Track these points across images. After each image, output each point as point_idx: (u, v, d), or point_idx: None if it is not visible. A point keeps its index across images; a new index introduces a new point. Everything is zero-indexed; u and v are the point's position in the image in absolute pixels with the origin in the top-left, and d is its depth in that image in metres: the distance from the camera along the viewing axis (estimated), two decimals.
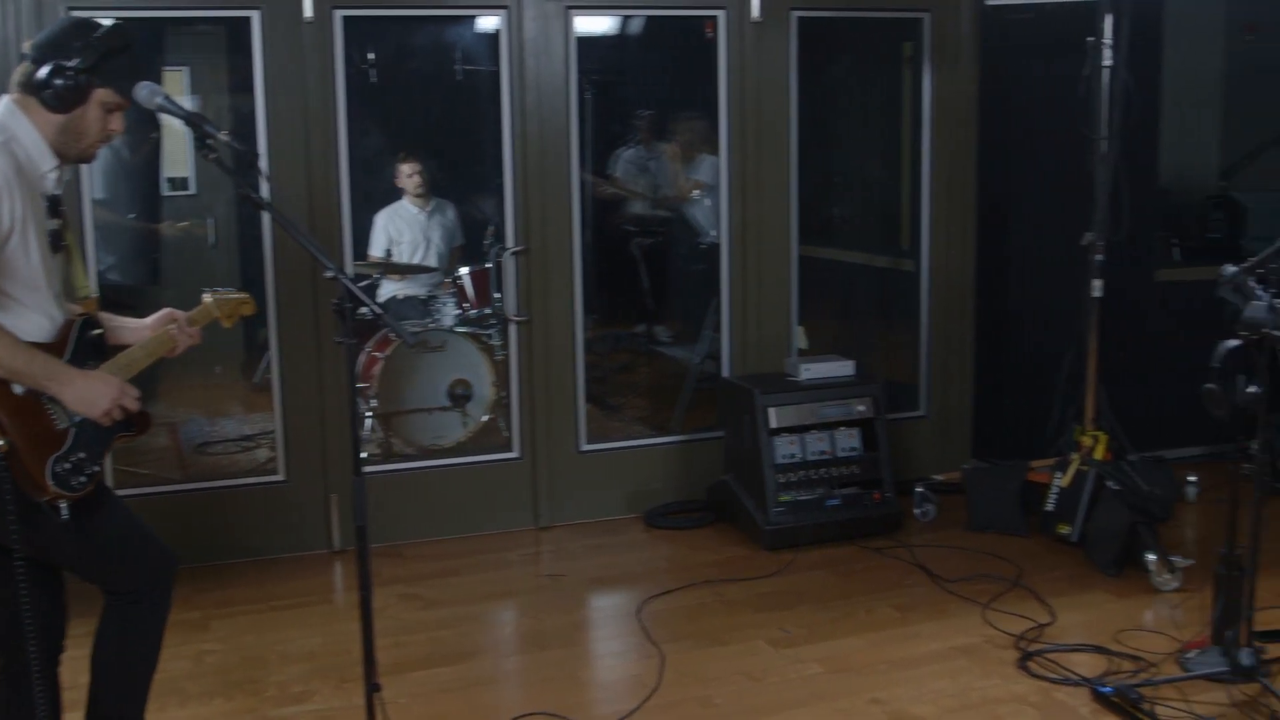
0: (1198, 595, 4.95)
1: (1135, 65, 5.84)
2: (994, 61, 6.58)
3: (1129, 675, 4.44)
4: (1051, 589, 5.28)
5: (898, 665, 4.59)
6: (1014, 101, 6.67)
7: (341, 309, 3.12)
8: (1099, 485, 5.67)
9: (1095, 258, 5.77)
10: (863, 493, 5.92)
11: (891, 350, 7.26)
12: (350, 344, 3.16)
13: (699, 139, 7.37)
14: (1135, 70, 5.83)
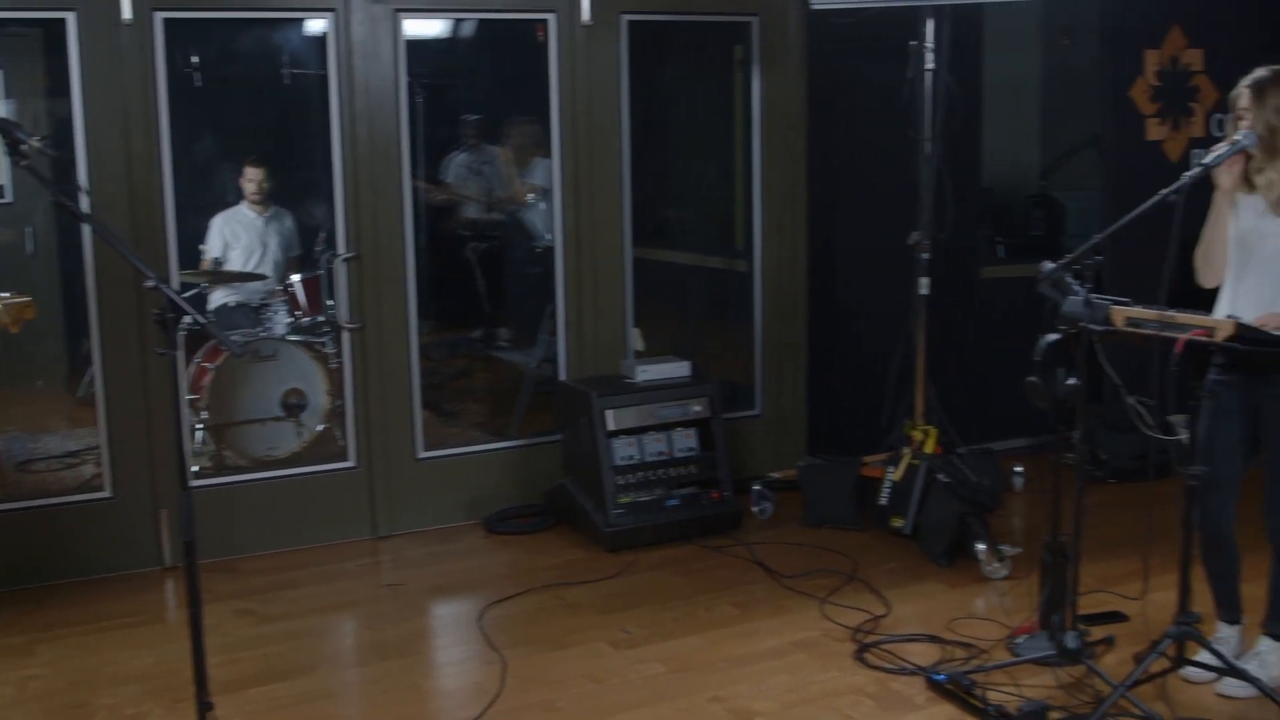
0: (1025, 582, 5.08)
1: (957, 69, 6.00)
2: (822, 65, 6.68)
3: (962, 662, 4.55)
4: (886, 581, 5.39)
5: (738, 662, 4.63)
6: (842, 104, 6.79)
7: (163, 320, 3.04)
8: (930, 478, 5.80)
9: (922, 256, 5.90)
10: (701, 492, 5.97)
11: (727, 350, 7.33)
12: (173, 355, 3.07)
13: (532, 142, 7.34)
14: (957, 73, 5.98)
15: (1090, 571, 5.26)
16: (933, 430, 5.99)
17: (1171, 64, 7.18)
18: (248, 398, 6.37)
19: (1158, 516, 4.43)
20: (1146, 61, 7.12)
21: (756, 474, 6.49)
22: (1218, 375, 4.22)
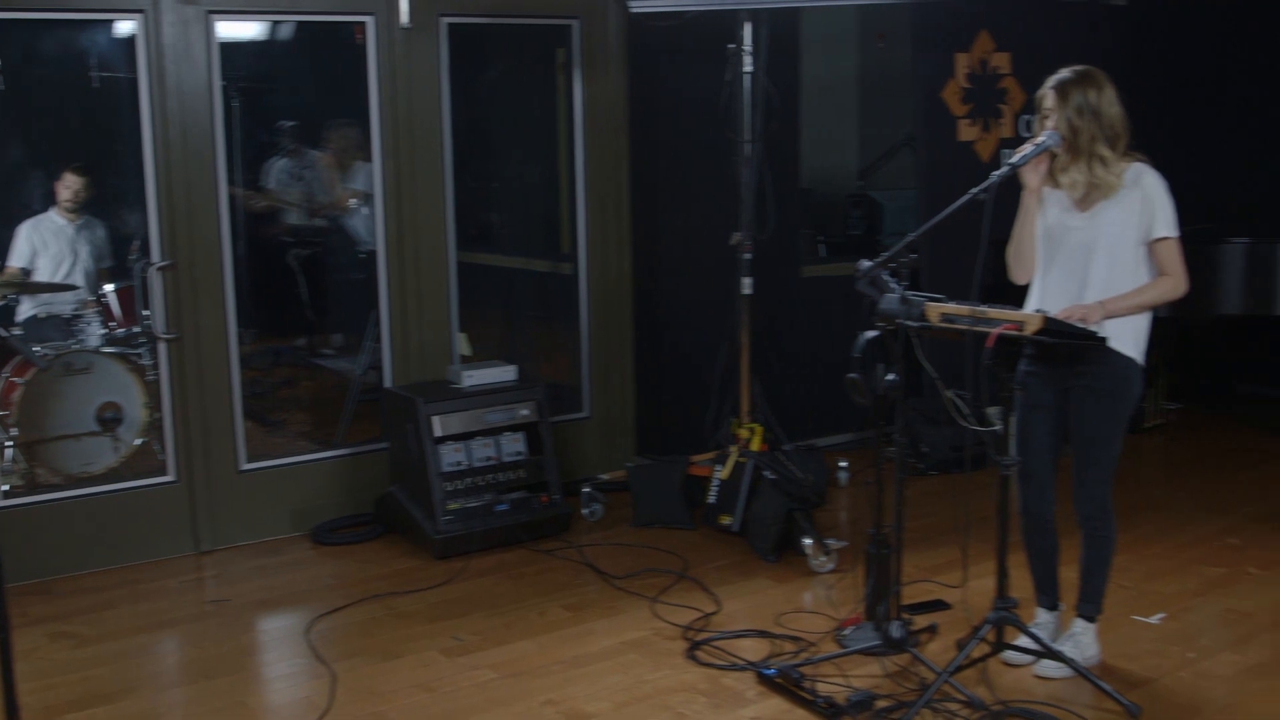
0: (851, 574, 5.18)
1: (775, 71, 6.09)
2: (643, 68, 6.73)
3: (791, 656, 4.62)
4: (716, 578, 5.44)
5: (571, 664, 4.63)
6: (663, 106, 6.84)
7: None
8: (756, 475, 5.88)
9: (744, 256, 5.98)
10: (530, 496, 5.95)
11: (554, 353, 7.34)
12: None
13: (354, 147, 7.25)
14: (775, 76, 6.07)
15: (913, 562, 5.38)
16: (758, 428, 6.07)
17: (981, 67, 7.40)
18: (61, 412, 6.15)
19: (975, 506, 4.57)
20: (957, 64, 7.32)
21: (586, 476, 6.50)
22: (1028, 367, 4.37)
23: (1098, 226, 4.23)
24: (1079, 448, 4.36)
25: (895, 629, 4.40)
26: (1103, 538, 4.43)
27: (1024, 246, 4.34)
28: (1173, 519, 6.23)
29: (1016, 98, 7.51)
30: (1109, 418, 4.29)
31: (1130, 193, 4.20)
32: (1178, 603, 5.17)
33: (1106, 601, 4.56)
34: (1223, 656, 4.65)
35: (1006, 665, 4.49)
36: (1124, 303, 4.18)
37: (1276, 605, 5.13)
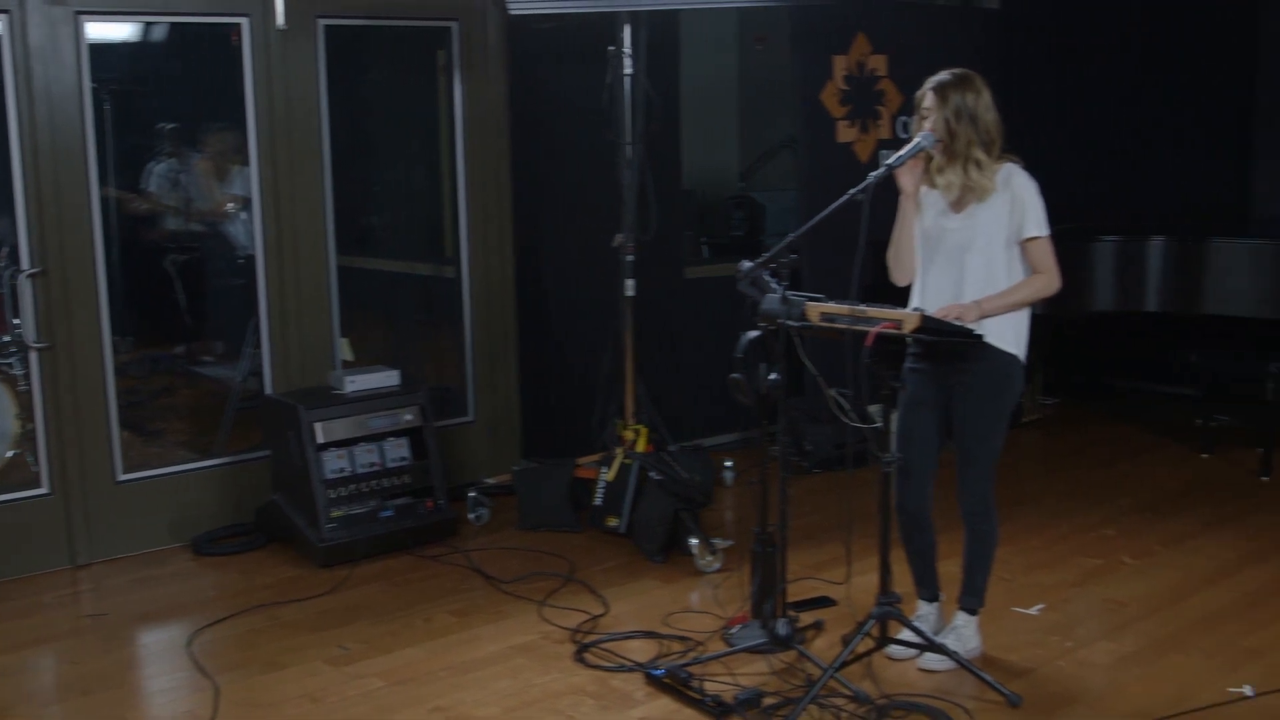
0: (738, 573, 5.21)
1: (655, 73, 6.10)
2: (523, 70, 6.71)
3: (679, 656, 4.63)
4: (604, 580, 5.44)
5: (458, 670, 4.60)
6: (545, 108, 6.83)
7: None
8: (642, 476, 5.89)
9: (627, 258, 5.99)
10: (416, 501, 5.90)
11: (438, 357, 7.29)
12: None
13: (231, 151, 7.13)
14: (655, 78, 6.09)
15: (798, 559, 5.43)
16: (643, 429, 6.08)
17: (858, 69, 7.49)
18: None
19: (858, 503, 4.62)
20: (835, 67, 7.40)
21: (471, 480, 6.47)
22: (912, 365, 4.43)
23: (972, 227, 4.30)
24: (961, 444, 4.43)
25: (781, 627, 4.43)
26: (985, 532, 4.51)
27: (903, 249, 4.41)
28: (1051, 512, 6.37)
29: (894, 100, 7.62)
30: (990, 414, 4.37)
31: (1001, 194, 4.28)
32: (1056, 594, 5.28)
33: (988, 594, 4.65)
34: (1099, 645, 4.76)
35: (891, 659, 4.55)
36: (999, 301, 4.26)
37: (1150, 594, 5.27)
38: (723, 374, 4.45)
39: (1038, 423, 8.15)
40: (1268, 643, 4.76)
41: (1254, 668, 4.53)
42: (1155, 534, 6.02)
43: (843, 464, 6.44)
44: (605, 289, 6.20)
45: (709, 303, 7.14)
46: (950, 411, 4.42)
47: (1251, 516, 6.29)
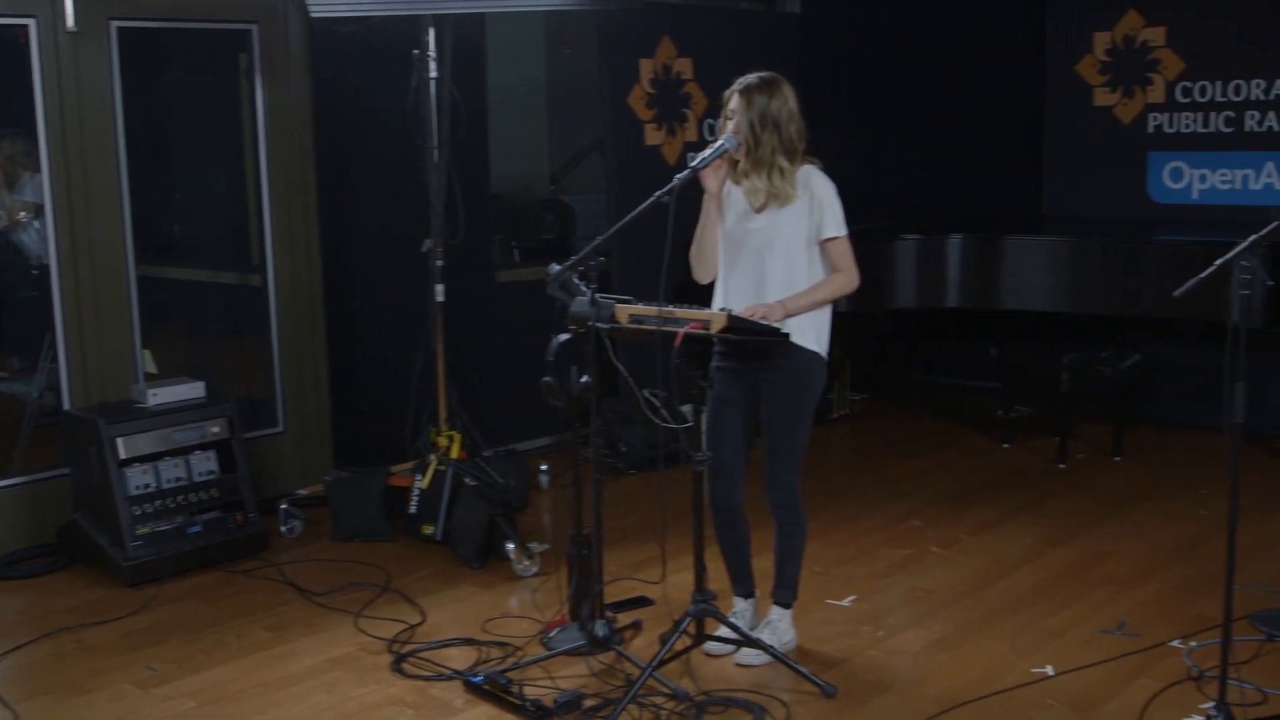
0: (555, 576, 5.21)
1: (462, 77, 6.07)
2: (327, 73, 6.60)
3: (498, 662, 4.61)
4: (421, 589, 5.39)
5: (273, 687, 4.50)
6: (350, 112, 6.73)
7: None
8: (457, 483, 5.85)
9: (436, 263, 5.94)
10: (225, 516, 5.76)
11: (245, 367, 7.11)
12: None
13: (22, 157, 6.85)
14: (462, 82, 6.05)
15: (615, 560, 5.46)
16: (457, 435, 6.04)
17: (664, 72, 7.56)
18: None
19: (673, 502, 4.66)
20: (641, 70, 7.46)
21: (283, 492, 6.33)
22: (719, 364, 4.48)
23: (774, 228, 4.37)
24: (769, 440, 4.50)
25: (599, 628, 4.45)
26: (794, 526, 4.58)
27: (705, 248, 4.47)
28: (861, 505, 6.52)
29: (700, 102, 7.71)
30: (796, 410, 4.44)
31: (801, 195, 4.36)
32: (867, 585, 5.41)
33: (800, 587, 4.73)
34: (909, 633, 4.89)
35: (709, 656, 4.60)
36: (803, 300, 4.34)
37: (957, 581, 5.42)
38: (536, 378, 4.44)
39: (847, 418, 8.33)
40: (1067, 624, 4.95)
41: (1055, 648, 4.70)
42: (961, 523, 6.20)
43: (656, 464, 6.48)
44: (416, 295, 6.14)
45: (521, 306, 7.11)
46: (757, 409, 4.50)
47: (1050, 502, 6.53)
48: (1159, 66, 7.87)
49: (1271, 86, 7.51)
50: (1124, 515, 6.29)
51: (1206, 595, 5.08)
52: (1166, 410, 7.94)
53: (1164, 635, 4.78)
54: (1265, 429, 7.25)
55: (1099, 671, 4.50)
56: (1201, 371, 7.43)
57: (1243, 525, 3.82)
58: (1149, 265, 6.97)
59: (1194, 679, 4.39)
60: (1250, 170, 7.66)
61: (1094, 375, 7.18)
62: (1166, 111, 7.89)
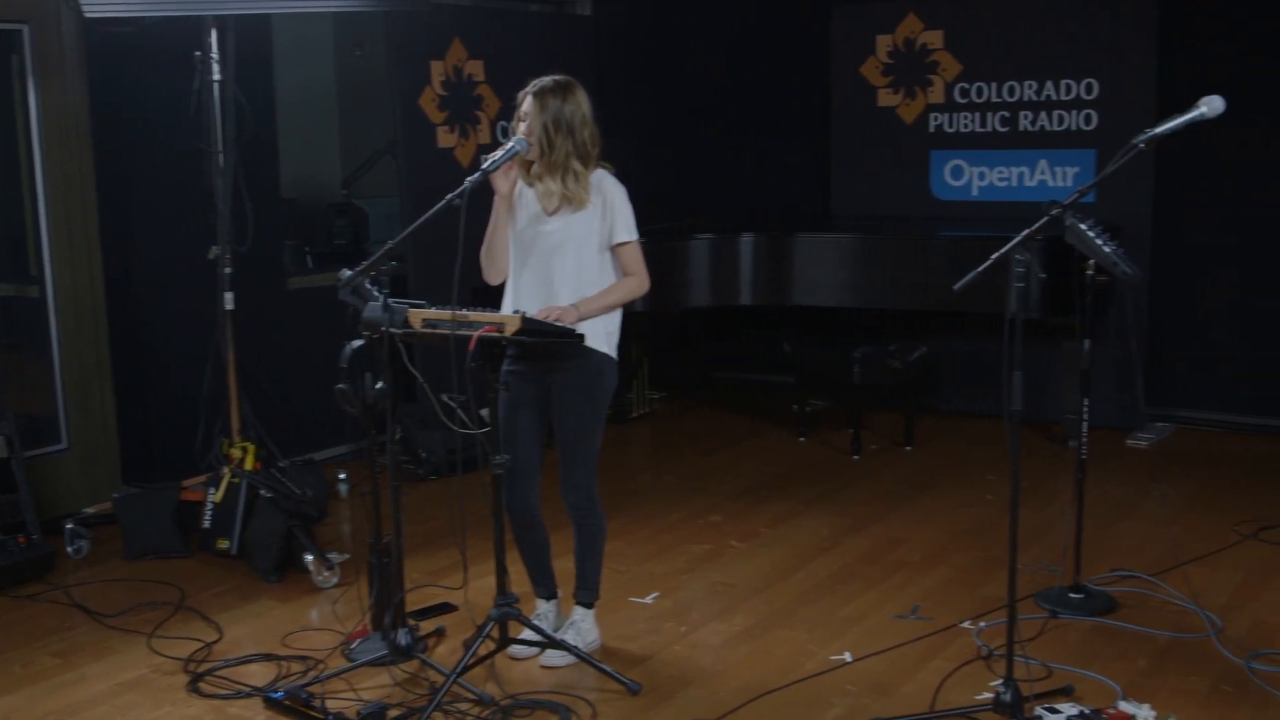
0: (355, 586, 5.13)
1: (247, 79, 5.94)
2: (106, 76, 6.37)
3: (299, 676, 4.52)
4: (217, 605, 5.25)
5: (63, 714, 4.33)
6: (131, 116, 6.52)
7: None
8: (252, 495, 5.71)
9: (224, 270, 5.80)
10: (6, 538, 5.51)
11: (25, 383, 6.82)
12: None
13: None
14: (248, 84, 5.92)
15: (417, 568, 5.42)
16: (251, 446, 5.90)
17: (455, 74, 7.51)
18: None
19: (475, 507, 4.64)
20: (432, 72, 7.39)
21: (68, 511, 6.10)
22: (510, 366, 4.47)
23: (565, 231, 4.39)
24: (563, 442, 4.51)
25: (402, 637, 4.41)
26: (593, 526, 4.61)
27: (496, 250, 4.46)
28: (661, 502, 6.58)
29: (492, 105, 7.68)
30: (588, 411, 4.47)
31: (594, 199, 4.39)
32: (669, 581, 5.46)
33: (603, 587, 4.76)
34: (711, 627, 4.95)
35: (513, 659, 4.59)
36: (596, 303, 4.37)
37: (757, 574, 5.52)
38: (330, 385, 4.38)
39: (646, 417, 8.40)
40: (863, 610, 5.08)
41: (852, 635, 4.83)
42: (759, 516, 6.32)
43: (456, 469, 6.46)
44: (204, 303, 5.98)
45: (315, 313, 7.00)
46: (550, 411, 4.51)
47: (845, 493, 6.70)
48: (938, 68, 8.13)
49: (1043, 88, 7.83)
50: (915, 503, 6.49)
51: (994, 577, 5.27)
52: (953, 400, 8.23)
53: (955, 617, 4.95)
54: (1046, 416, 7.56)
55: (895, 655, 4.63)
56: (985, 362, 7.74)
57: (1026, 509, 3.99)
58: (933, 260, 7.21)
59: (984, 658, 4.56)
60: (1025, 168, 7.97)
61: (884, 368, 7.38)
62: (946, 112, 8.16)
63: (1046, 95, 7.83)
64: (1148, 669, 4.48)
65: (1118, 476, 6.82)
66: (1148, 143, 3.74)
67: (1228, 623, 4.84)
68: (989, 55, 7.99)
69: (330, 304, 4.62)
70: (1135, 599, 5.12)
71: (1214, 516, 6.13)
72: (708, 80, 9.11)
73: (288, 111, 7.54)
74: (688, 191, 8.99)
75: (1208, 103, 3.72)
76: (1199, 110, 3.72)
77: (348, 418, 4.50)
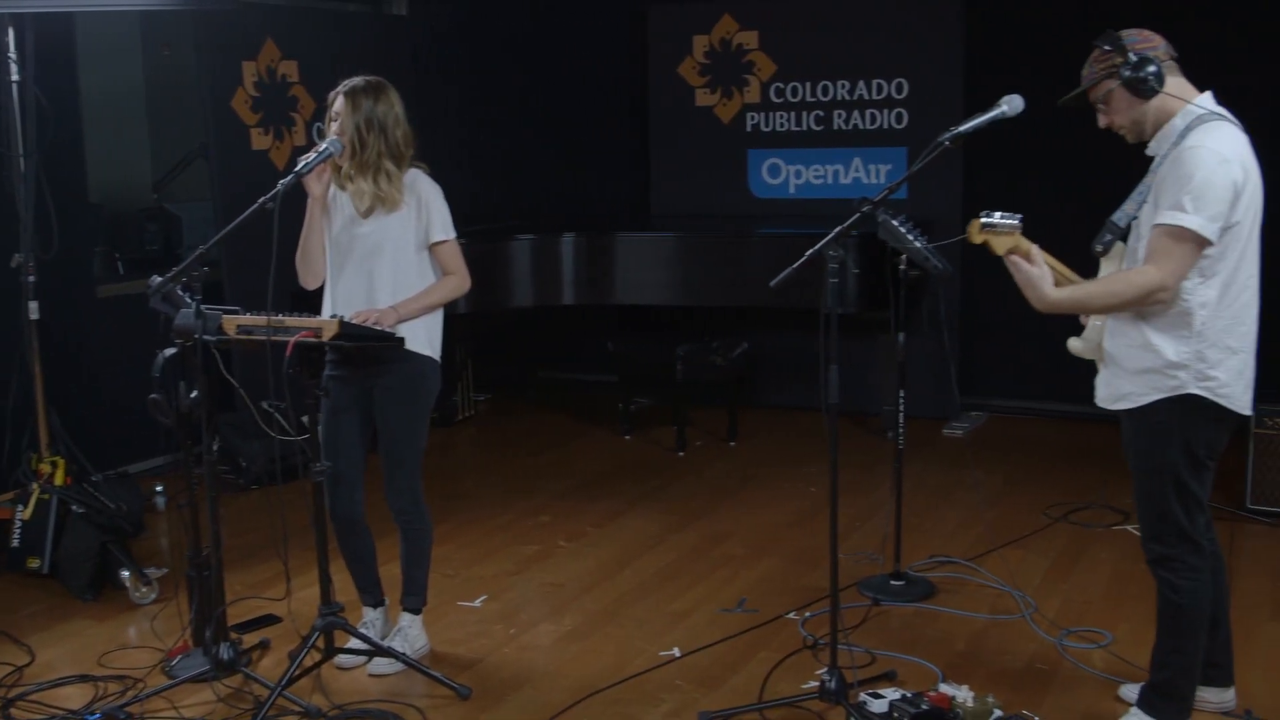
0: (175, 601, 5.00)
1: (50, 80, 5.74)
2: None
3: (117, 697, 4.38)
4: (28, 627, 5.05)
5: None
6: None
7: None
8: (63, 511, 5.51)
9: (28, 279, 5.59)
10: None
11: None
12: None
13: None
14: (51, 85, 5.73)
15: (239, 580, 5.32)
16: (61, 461, 5.70)
17: (269, 75, 7.36)
18: None
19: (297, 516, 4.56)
20: (245, 73, 7.24)
21: None
22: (331, 372, 4.41)
23: (382, 233, 4.35)
24: (386, 446, 4.47)
25: (224, 651, 4.32)
26: (419, 531, 4.57)
27: (312, 253, 4.40)
28: (488, 505, 6.55)
29: (307, 106, 7.55)
30: (411, 415, 4.44)
31: (408, 199, 4.36)
32: (498, 583, 5.44)
33: (431, 592, 4.72)
34: (541, 628, 4.95)
35: (341, 669, 4.53)
36: (416, 304, 4.34)
37: (585, 573, 5.53)
38: (144, 395, 4.27)
39: (471, 419, 8.35)
40: (691, 605, 5.13)
41: (681, 630, 4.87)
42: (587, 516, 6.33)
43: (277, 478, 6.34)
44: (8, 313, 5.76)
45: (127, 321, 6.76)
46: (372, 415, 4.46)
47: (671, 489, 6.76)
48: (754, 69, 8.25)
49: (856, 88, 8.01)
50: (739, 497, 6.58)
51: (818, 568, 5.37)
52: (776, 394, 8.36)
53: (780, 608, 5.03)
54: (864, 408, 7.73)
55: (722, 649, 4.69)
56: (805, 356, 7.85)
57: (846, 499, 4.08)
58: (751, 258, 7.31)
59: (809, 647, 4.65)
60: (840, 166, 8.14)
61: (707, 364, 7.46)
62: (763, 111, 8.29)
63: (859, 95, 8.01)
64: (966, 651, 4.62)
65: (935, 465, 7.01)
66: (953, 140, 3.84)
67: (1041, 603, 5.02)
68: (803, 56, 8.14)
69: (142, 312, 4.49)
70: (953, 583, 5.27)
71: (1026, 501, 6.35)
72: (528, 81, 9.10)
73: (94, 113, 7.30)
74: (510, 192, 8.97)
75: (1008, 101, 3.83)
76: (1000, 109, 3.83)
77: (163, 428, 4.38)
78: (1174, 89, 3.57)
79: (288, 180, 4.08)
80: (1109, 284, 3.59)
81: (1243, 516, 5.94)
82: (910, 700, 3.97)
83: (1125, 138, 3.71)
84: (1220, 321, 3.57)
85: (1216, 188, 3.44)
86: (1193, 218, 3.42)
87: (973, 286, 7.76)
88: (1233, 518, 5.92)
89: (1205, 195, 3.42)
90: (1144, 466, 3.71)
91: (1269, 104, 6.94)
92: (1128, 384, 3.68)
